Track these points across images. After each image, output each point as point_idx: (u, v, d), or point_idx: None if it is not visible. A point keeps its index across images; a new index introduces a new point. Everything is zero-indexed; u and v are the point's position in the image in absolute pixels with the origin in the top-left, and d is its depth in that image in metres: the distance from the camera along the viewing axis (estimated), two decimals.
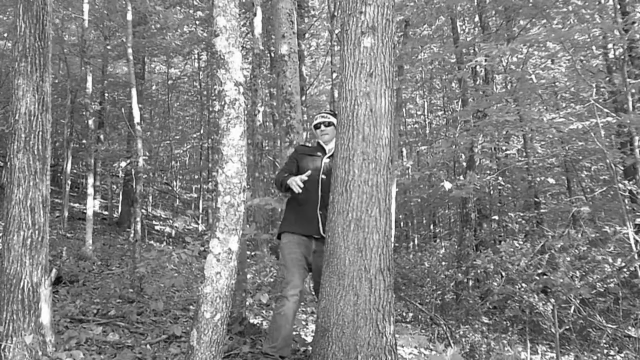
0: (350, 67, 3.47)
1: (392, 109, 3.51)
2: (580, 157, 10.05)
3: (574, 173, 11.12)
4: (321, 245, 3.87)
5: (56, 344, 3.72)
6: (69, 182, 13.08)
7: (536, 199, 11.51)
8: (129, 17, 8.91)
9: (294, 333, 4.95)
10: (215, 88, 3.23)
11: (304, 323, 5.95)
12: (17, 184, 3.54)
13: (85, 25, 11.51)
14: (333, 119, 4.22)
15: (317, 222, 4.00)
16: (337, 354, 3.31)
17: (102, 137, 16.45)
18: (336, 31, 13.66)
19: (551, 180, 10.35)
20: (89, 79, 11.49)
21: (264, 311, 6.25)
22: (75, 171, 19.88)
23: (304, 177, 3.86)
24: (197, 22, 16.29)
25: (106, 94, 17.64)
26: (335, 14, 13.89)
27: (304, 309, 6.88)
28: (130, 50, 8.69)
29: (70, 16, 13.66)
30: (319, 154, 4.23)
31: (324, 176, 4.08)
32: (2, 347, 3.34)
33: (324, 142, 4.27)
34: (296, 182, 3.81)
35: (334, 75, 15.23)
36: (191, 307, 6.35)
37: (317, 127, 4.33)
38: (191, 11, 16.22)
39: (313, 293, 4.19)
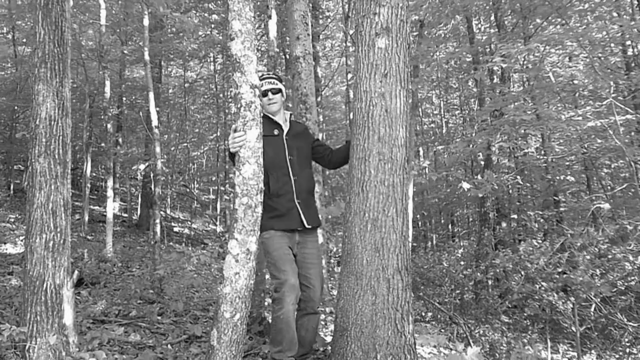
0: (364, 68, 3.48)
1: (408, 109, 3.52)
2: (600, 155, 9.95)
3: (593, 171, 11.01)
4: (305, 236, 3.67)
5: (79, 344, 3.79)
6: (89, 185, 13.23)
7: (555, 198, 11.42)
8: (146, 22, 9.02)
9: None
10: (231, 90, 3.27)
11: (323, 323, 5.97)
12: (38, 187, 3.61)
13: (103, 30, 11.65)
14: (281, 85, 3.78)
15: (298, 213, 3.62)
16: (356, 353, 3.33)
17: (120, 140, 16.66)
18: (350, 32, 13.69)
19: (571, 179, 10.27)
20: (107, 83, 11.64)
21: None
22: (94, 174, 20.13)
23: (239, 130, 3.15)
24: (213, 26, 16.42)
25: (124, 98, 17.83)
26: (350, 15, 13.91)
27: (322, 309, 6.90)
28: (147, 55, 8.79)
29: (88, 21, 13.83)
30: (276, 131, 3.72)
31: (291, 157, 3.68)
32: (27, 347, 3.41)
33: (272, 112, 3.73)
34: (233, 140, 3.18)
35: (349, 76, 15.25)
36: (211, 307, 6.40)
37: (264, 94, 3.69)
38: (207, 14, 16.34)
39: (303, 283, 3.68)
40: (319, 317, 3.71)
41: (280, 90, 3.76)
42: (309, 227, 3.64)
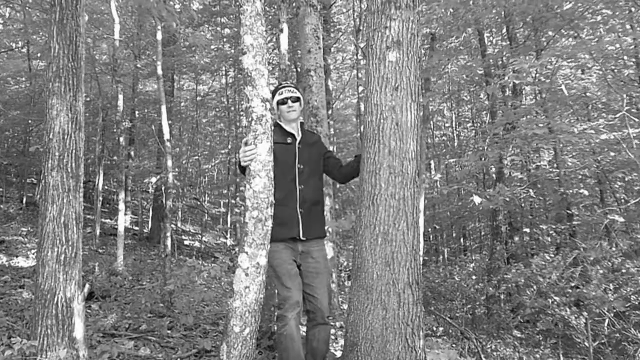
0: (375, 81, 3.48)
1: (419, 122, 3.51)
2: (613, 168, 9.86)
3: (607, 184, 10.91)
4: (308, 246, 3.64)
5: (89, 358, 3.78)
6: (101, 198, 13.31)
7: (568, 211, 11.31)
8: (159, 36, 9.10)
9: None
10: (242, 104, 3.28)
11: (333, 337, 5.93)
12: (51, 201, 3.63)
13: (117, 44, 11.77)
14: (300, 94, 3.80)
15: (298, 223, 3.60)
16: None
17: (132, 153, 16.76)
18: (362, 45, 13.73)
19: (584, 192, 10.18)
20: (120, 97, 11.73)
21: None
22: (107, 187, 20.24)
23: (250, 144, 3.11)
24: (225, 40, 16.55)
25: (137, 112, 17.97)
26: (361, 28, 13.97)
27: (332, 323, 6.86)
28: (160, 69, 8.86)
29: (102, 36, 13.98)
30: (290, 140, 3.72)
31: (300, 165, 3.67)
32: None
33: (289, 120, 3.74)
34: (244, 153, 3.13)
35: (360, 88, 15.28)
36: (221, 321, 6.38)
37: (282, 102, 3.73)
38: (219, 29, 16.48)
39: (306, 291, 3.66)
40: (329, 328, 3.67)
41: (299, 99, 3.77)
42: (304, 239, 3.61)
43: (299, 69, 13.53)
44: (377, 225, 3.39)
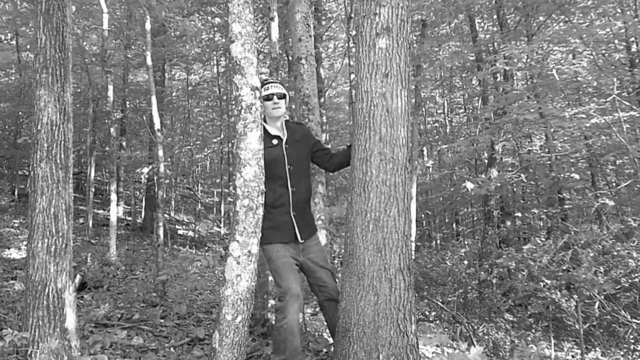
0: (365, 68, 3.47)
1: (409, 108, 3.50)
2: (604, 152, 9.90)
3: (598, 168, 10.96)
4: (305, 244, 3.68)
5: (81, 348, 3.79)
6: (93, 189, 13.25)
7: (560, 195, 11.37)
8: (148, 26, 9.02)
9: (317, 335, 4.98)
10: (233, 93, 3.27)
11: (325, 324, 5.96)
12: (40, 192, 3.61)
13: (106, 35, 11.66)
14: (285, 91, 3.77)
15: (293, 227, 3.63)
16: (358, 353, 3.31)
17: (124, 144, 16.68)
18: (353, 33, 13.67)
19: (575, 176, 10.22)
20: (110, 87, 11.65)
21: None
22: (99, 178, 20.15)
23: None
24: (216, 29, 16.43)
25: (127, 102, 17.87)
26: (352, 16, 13.90)
27: None
28: (149, 59, 8.79)
29: (91, 26, 13.86)
30: (275, 141, 3.68)
31: (290, 166, 3.64)
32: (29, 352, 3.41)
33: (274, 117, 3.71)
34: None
35: (352, 76, 15.23)
36: (214, 309, 6.40)
37: (268, 98, 3.65)
38: (209, 18, 16.36)
39: (312, 294, 3.79)
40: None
41: (285, 96, 3.74)
42: (302, 241, 3.66)
43: (290, 57, 13.47)
44: (368, 211, 3.39)
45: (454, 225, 19.52)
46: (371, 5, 3.46)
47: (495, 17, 13.26)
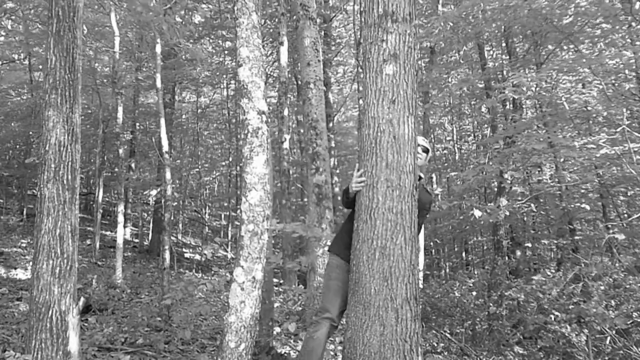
0: (372, 94, 3.46)
1: (416, 135, 3.48)
2: (615, 183, 9.81)
3: (609, 199, 10.85)
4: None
5: None
6: (101, 210, 13.27)
7: (571, 226, 11.24)
8: (158, 49, 9.11)
9: None
10: (240, 116, 3.26)
11: (332, 353, 5.87)
12: (46, 213, 3.60)
13: (117, 57, 11.79)
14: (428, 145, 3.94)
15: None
16: None
17: (133, 165, 16.75)
18: (361, 59, 13.76)
19: (586, 207, 10.11)
20: (120, 109, 11.74)
21: (291, 340, 6.19)
22: (107, 199, 20.22)
23: (359, 172, 3.44)
24: (226, 52, 16.60)
25: (137, 124, 18.00)
26: (361, 41, 14.00)
27: (332, 339, 6.79)
28: (159, 82, 8.86)
29: (103, 48, 14.03)
30: None
31: None
32: None
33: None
34: (357, 180, 3.44)
35: (361, 101, 15.29)
36: (218, 335, 6.32)
37: None
38: (220, 42, 16.53)
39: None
40: None
41: (427, 150, 3.89)
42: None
43: (299, 82, 13.56)
44: (374, 239, 3.35)
45: (464, 254, 19.33)
46: (378, 31, 3.47)
47: (504, 45, 13.31)
